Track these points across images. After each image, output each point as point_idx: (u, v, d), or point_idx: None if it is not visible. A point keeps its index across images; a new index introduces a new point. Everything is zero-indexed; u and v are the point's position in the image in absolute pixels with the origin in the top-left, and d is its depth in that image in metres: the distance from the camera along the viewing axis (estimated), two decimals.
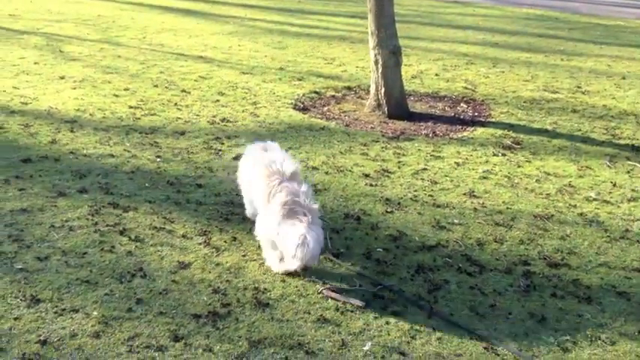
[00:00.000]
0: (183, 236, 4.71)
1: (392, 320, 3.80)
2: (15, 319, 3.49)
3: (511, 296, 4.16)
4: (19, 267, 4.01)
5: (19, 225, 4.56)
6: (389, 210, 5.32)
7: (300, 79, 9.40)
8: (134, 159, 6.10)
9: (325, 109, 8.24)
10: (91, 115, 7.31)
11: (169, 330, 3.57)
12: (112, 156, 6.12)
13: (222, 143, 6.76)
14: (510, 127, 7.69)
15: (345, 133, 7.24)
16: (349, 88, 9.12)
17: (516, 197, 5.70)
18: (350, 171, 6.13)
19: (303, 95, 8.68)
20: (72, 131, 6.71)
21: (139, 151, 6.32)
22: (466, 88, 9.39)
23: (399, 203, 5.46)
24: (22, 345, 3.28)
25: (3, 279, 3.85)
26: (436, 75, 10.09)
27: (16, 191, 5.10)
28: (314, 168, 6.17)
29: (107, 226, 4.72)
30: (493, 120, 7.99)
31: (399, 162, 6.43)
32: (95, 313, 3.64)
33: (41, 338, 3.35)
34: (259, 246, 4.63)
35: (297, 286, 4.13)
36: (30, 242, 4.33)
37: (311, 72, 9.89)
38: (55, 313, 3.60)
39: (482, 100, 8.82)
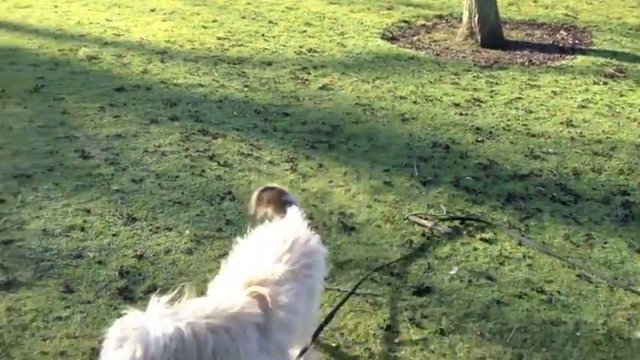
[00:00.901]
0: (270, 162, 4.79)
1: (480, 247, 3.76)
2: (113, 235, 3.70)
3: (607, 226, 4.00)
4: (116, 188, 4.22)
5: (115, 149, 4.77)
6: (479, 139, 5.19)
7: (389, 9, 9.18)
8: (222, 88, 6.21)
9: (415, 38, 8.04)
10: (180, 46, 7.46)
11: None
12: (201, 85, 6.25)
13: (309, 73, 6.76)
14: (613, 54, 7.24)
15: (435, 63, 7.06)
16: (440, 17, 8.83)
17: (617, 126, 5.41)
18: (439, 100, 5.99)
19: (392, 25, 8.48)
20: (162, 62, 6.88)
21: (227, 80, 6.42)
22: (567, 15, 8.88)
23: (490, 132, 5.31)
24: (120, 259, 3.48)
25: (101, 199, 4.06)
26: (534, 1, 9.58)
27: (111, 118, 5.32)
28: (402, 97, 6.07)
29: (197, 151, 4.86)
30: (595, 48, 7.54)
31: (492, 91, 6.23)
32: (187, 231, 3.80)
33: (137, 253, 3.54)
34: (345, 172, 4.66)
35: (383, 212, 4.14)
36: (125, 165, 4.53)
37: (400, 1, 9.62)
38: (150, 230, 3.78)
39: (584, 28, 8.33)
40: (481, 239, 3.83)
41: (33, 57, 6.71)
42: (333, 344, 2.98)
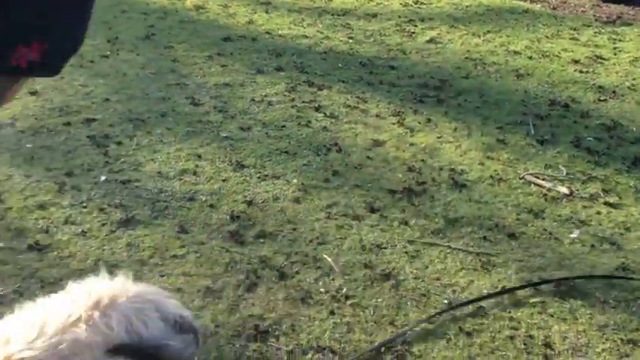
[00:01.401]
0: (377, 115, 4.74)
1: (603, 210, 3.59)
2: (223, 180, 3.79)
3: None
4: (225, 135, 4.31)
5: (223, 98, 4.86)
6: (602, 98, 4.92)
7: None
8: (327, 40, 6.17)
9: None
10: None
11: (365, 202, 3.67)
12: (306, 37, 6.23)
13: (416, 26, 6.61)
14: None
15: (552, 17, 6.73)
16: None
17: None
18: (557, 56, 5.72)
19: None
20: (267, 12, 6.91)
21: (332, 32, 6.38)
22: None
23: (613, 92, 5.03)
24: (230, 204, 3.57)
25: (211, 145, 4.16)
26: None
27: (218, 67, 5.41)
28: (515, 52, 5.83)
29: (303, 102, 4.88)
30: None
31: (615, 48, 5.88)
32: (295, 180, 3.84)
33: (247, 199, 3.61)
34: (455, 128, 4.56)
35: (496, 170, 4.03)
36: (233, 113, 4.61)
37: None
38: (259, 178, 3.84)
39: None
40: (605, 203, 3.66)
41: (143, 5, 6.90)
42: (445, 301, 2.95)
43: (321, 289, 2.98)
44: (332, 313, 2.84)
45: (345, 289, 2.98)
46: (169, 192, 3.61)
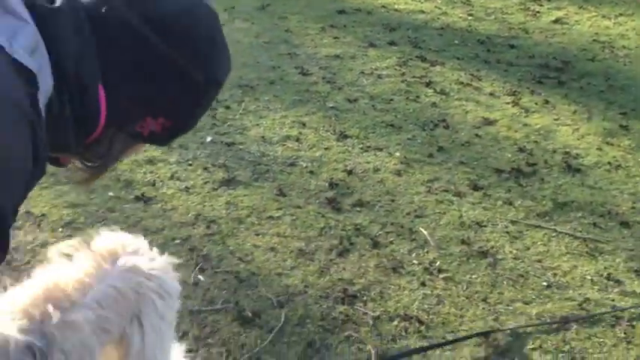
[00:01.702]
0: (491, 94, 4.63)
1: None
2: (325, 149, 3.85)
3: None
4: (331, 105, 4.36)
5: (333, 69, 4.91)
6: None
7: None
8: (444, 16, 6.08)
9: None
10: None
11: (469, 179, 3.61)
12: (422, 12, 6.16)
13: (541, 5, 6.37)
14: None
15: None
16: None
17: None
18: None
19: None
20: None
21: (450, 8, 6.27)
22: None
23: None
24: (330, 171, 3.62)
25: (316, 114, 4.23)
26: None
27: (330, 39, 5.47)
28: None
29: (413, 77, 4.85)
30: None
31: None
32: (398, 153, 3.83)
33: (347, 168, 3.65)
34: (575, 111, 4.38)
35: (615, 157, 3.84)
36: (341, 85, 4.65)
37: None
38: (361, 148, 3.87)
39: None
40: None
41: None
42: (544, 283, 2.86)
43: (414, 261, 2.97)
44: (423, 284, 2.84)
45: (438, 263, 2.96)
46: (271, 156, 3.71)
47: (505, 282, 2.86)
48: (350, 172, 3.62)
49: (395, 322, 2.63)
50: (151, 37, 1.09)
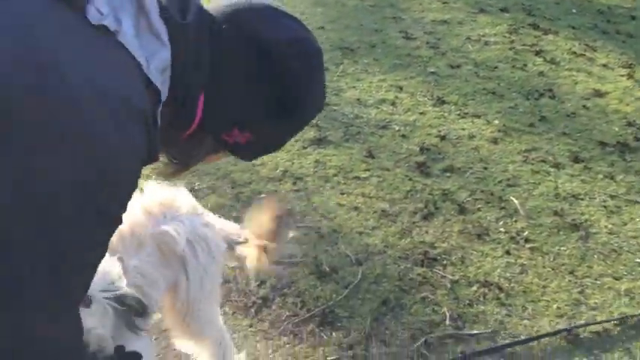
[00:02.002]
0: (604, 65, 4.42)
1: None
2: (420, 113, 3.82)
3: None
4: (432, 70, 4.31)
5: (438, 34, 4.84)
6: None
7: None
8: None
9: None
10: None
11: (570, 151, 3.48)
12: None
13: None
14: None
15: None
16: None
17: None
18: None
19: None
20: None
21: None
22: None
23: None
24: (422, 136, 3.60)
25: (415, 79, 4.20)
26: None
27: (439, 4, 5.38)
28: None
29: (523, 45, 4.69)
30: None
31: None
32: (496, 121, 3.75)
33: (441, 134, 3.61)
34: None
35: None
36: (445, 50, 4.58)
37: None
38: (458, 115, 3.81)
39: None
40: None
41: None
42: (638, 260, 2.73)
43: (501, 229, 2.92)
44: (507, 252, 2.79)
45: (526, 233, 2.89)
46: (364, 118, 3.74)
47: (596, 256, 2.75)
48: (443, 138, 3.58)
49: (474, 288, 2.61)
50: (256, 60, 1.18)
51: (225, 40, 1.18)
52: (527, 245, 2.82)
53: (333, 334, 2.41)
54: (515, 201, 3.09)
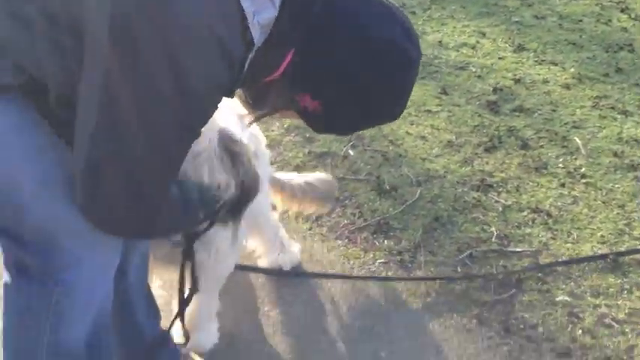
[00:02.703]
0: None
1: None
2: (499, 58, 3.91)
3: None
4: (516, 20, 4.36)
5: None
6: None
7: None
8: None
9: None
10: None
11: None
12: None
13: None
14: None
15: None
16: None
17: None
18: None
19: None
20: None
21: None
22: None
23: None
24: (497, 78, 3.70)
25: (499, 26, 4.27)
26: None
27: None
28: None
29: (610, 1, 4.63)
30: None
31: None
32: (572, 69, 3.79)
33: (516, 77, 3.70)
34: None
35: None
36: (531, 2, 4.59)
37: None
38: (535, 61, 3.88)
39: None
40: None
41: None
42: None
43: (560, 165, 3.03)
44: (562, 185, 2.90)
45: (583, 169, 2.99)
46: (443, 59, 3.87)
47: None
48: (518, 81, 3.67)
49: (524, 213, 2.76)
50: (350, 50, 1.29)
51: (329, 17, 1.28)
52: (583, 180, 2.92)
53: (385, 241, 2.64)
54: (579, 141, 3.17)
